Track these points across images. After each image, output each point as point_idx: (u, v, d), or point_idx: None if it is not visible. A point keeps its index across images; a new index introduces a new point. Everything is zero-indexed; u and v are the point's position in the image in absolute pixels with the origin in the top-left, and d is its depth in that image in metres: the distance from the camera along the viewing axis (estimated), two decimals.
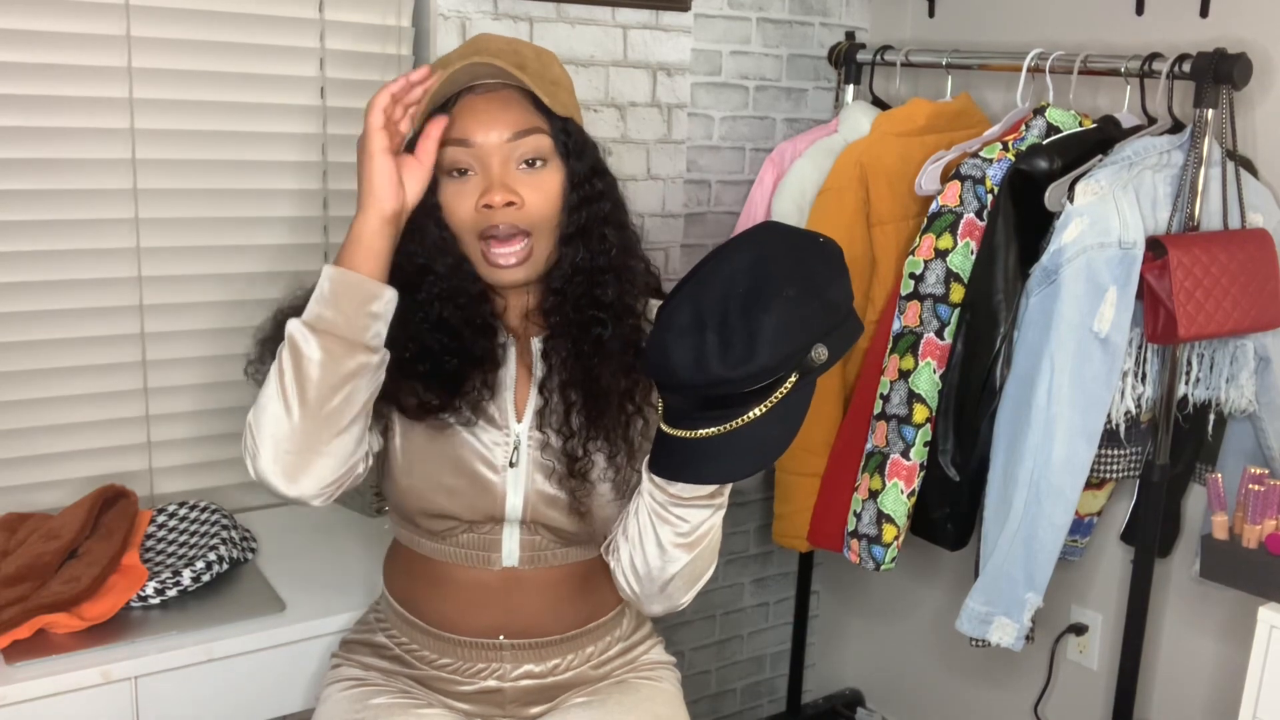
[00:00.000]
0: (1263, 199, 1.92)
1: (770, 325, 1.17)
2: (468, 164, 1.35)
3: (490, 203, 1.32)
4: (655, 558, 1.34)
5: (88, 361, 1.84)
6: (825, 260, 1.23)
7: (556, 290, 1.41)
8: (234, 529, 1.80)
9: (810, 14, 2.46)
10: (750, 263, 1.22)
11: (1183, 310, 1.77)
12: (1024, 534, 1.84)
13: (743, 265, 1.21)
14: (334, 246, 1.99)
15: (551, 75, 1.39)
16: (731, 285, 1.20)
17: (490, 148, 1.34)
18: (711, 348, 1.19)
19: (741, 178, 2.43)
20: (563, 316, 1.41)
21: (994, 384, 1.88)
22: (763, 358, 1.17)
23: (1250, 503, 1.80)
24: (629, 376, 1.41)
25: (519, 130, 1.34)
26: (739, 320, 1.18)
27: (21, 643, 1.50)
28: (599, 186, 1.41)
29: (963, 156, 1.97)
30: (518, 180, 1.35)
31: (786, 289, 1.19)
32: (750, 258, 1.22)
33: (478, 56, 1.32)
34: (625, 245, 1.44)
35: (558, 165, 1.38)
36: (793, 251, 1.23)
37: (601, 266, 1.41)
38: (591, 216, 1.40)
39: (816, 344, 1.20)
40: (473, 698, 1.48)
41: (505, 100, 1.35)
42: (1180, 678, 2.16)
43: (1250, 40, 1.91)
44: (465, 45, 1.40)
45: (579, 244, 1.40)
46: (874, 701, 2.76)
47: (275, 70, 1.90)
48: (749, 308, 1.19)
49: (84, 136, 1.77)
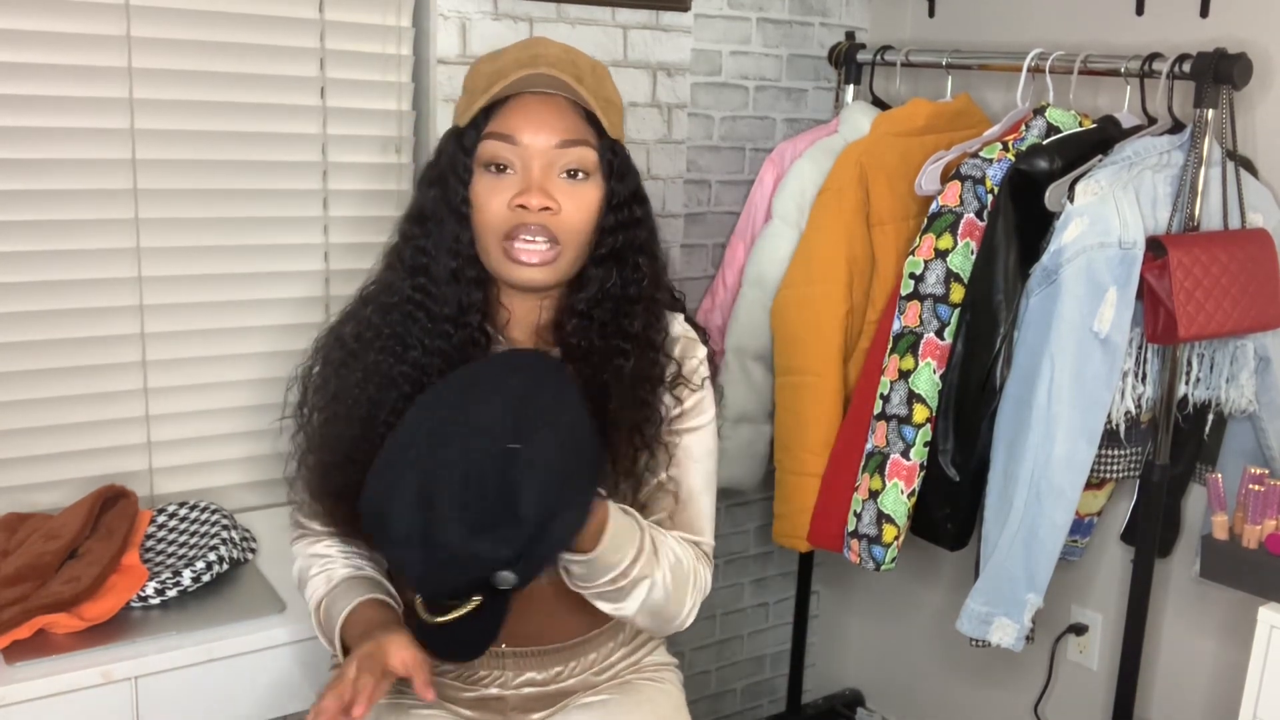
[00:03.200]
0: (1263, 199, 1.92)
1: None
2: (509, 161, 1.33)
3: (526, 204, 1.31)
4: (608, 610, 1.37)
5: (88, 361, 1.84)
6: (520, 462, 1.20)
7: (582, 313, 1.39)
8: (234, 529, 1.80)
9: (810, 14, 2.46)
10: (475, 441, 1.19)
11: (1183, 310, 1.77)
12: (1024, 534, 1.84)
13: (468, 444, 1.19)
14: (334, 246, 1.99)
15: (605, 93, 1.37)
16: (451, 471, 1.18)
17: (536, 150, 1.32)
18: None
19: (741, 178, 2.43)
20: (587, 342, 1.39)
21: (994, 384, 1.88)
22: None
23: (1250, 503, 1.80)
24: (640, 411, 1.39)
25: (568, 139, 1.33)
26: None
27: (21, 643, 1.50)
28: (638, 213, 1.40)
29: (963, 156, 1.97)
30: (557, 188, 1.33)
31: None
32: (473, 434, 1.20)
33: (536, 68, 1.30)
34: (655, 276, 1.43)
35: (599, 182, 1.36)
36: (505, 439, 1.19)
37: (632, 296, 1.40)
38: (628, 242, 1.39)
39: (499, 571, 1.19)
40: (474, 704, 1.48)
41: (559, 107, 1.34)
42: (1180, 678, 2.16)
43: (1250, 40, 1.91)
44: (520, 48, 1.38)
45: (612, 268, 1.39)
46: (874, 701, 2.76)
47: (275, 70, 1.90)
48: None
49: (84, 136, 1.77)
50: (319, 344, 1.46)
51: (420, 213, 1.39)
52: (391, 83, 1.99)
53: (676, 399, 1.44)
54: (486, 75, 1.35)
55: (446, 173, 1.36)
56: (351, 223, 2.00)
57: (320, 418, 1.42)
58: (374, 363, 1.37)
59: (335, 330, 1.45)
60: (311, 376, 1.44)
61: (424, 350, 1.37)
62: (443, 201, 1.35)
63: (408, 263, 1.39)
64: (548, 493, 1.18)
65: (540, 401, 1.23)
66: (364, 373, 1.37)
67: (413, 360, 1.37)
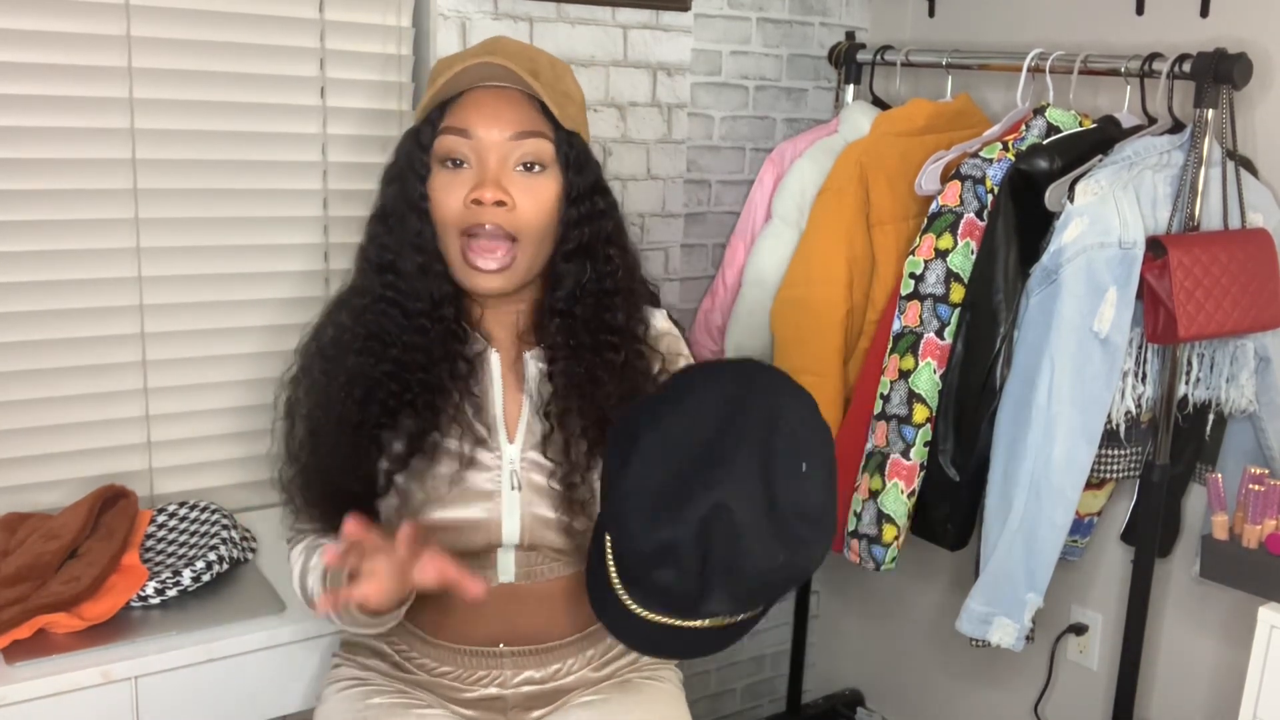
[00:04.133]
0: (1263, 199, 1.92)
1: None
2: (464, 155, 1.33)
3: (480, 198, 1.30)
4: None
5: (88, 361, 1.84)
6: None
7: (562, 311, 1.39)
8: (234, 529, 1.80)
9: (810, 14, 2.46)
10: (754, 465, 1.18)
11: (1183, 310, 1.77)
12: (1024, 534, 1.84)
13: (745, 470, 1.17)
14: (334, 246, 1.99)
15: (564, 87, 1.37)
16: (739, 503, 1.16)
17: (490, 143, 1.32)
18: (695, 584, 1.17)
19: (741, 178, 2.43)
20: (574, 339, 1.39)
21: (994, 384, 1.88)
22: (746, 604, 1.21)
23: (1250, 503, 1.80)
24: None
25: (522, 130, 1.33)
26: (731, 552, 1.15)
27: (21, 643, 1.49)
28: (600, 205, 1.40)
29: (963, 156, 1.97)
30: (513, 181, 1.33)
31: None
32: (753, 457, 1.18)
33: (491, 56, 1.31)
34: (629, 267, 1.43)
35: (556, 175, 1.36)
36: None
37: (610, 289, 1.40)
38: (594, 234, 1.39)
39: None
40: (474, 704, 1.47)
41: (513, 100, 1.34)
42: (1180, 678, 2.16)
43: (1250, 40, 1.91)
44: (480, 45, 1.39)
45: (584, 263, 1.38)
46: (874, 701, 2.75)
47: (275, 70, 1.90)
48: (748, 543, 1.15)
49: (84, 136, 1.77)
50: (300, 351, 1.46)
51: (382, 211, 1.39)
52: (391, 82, 1.99)
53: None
54: (443, 72, 1.35)
55: (405, 170, 1.37)
56: (351, 223, 2.00)
57: (306, 427, 1.41)
58: (355, 365, 1.37)
59: (315, 336, 1.45)
60: (296, 384, 1.44)
61: (403, 347, 1.37)
62: (402, 198, 1.35)
63: (374, 261, 1.39)
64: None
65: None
66: (347, 376, 1.37)
67: (393, 358, 1.37)
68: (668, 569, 1.17)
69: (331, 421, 1.37)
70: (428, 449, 1.37)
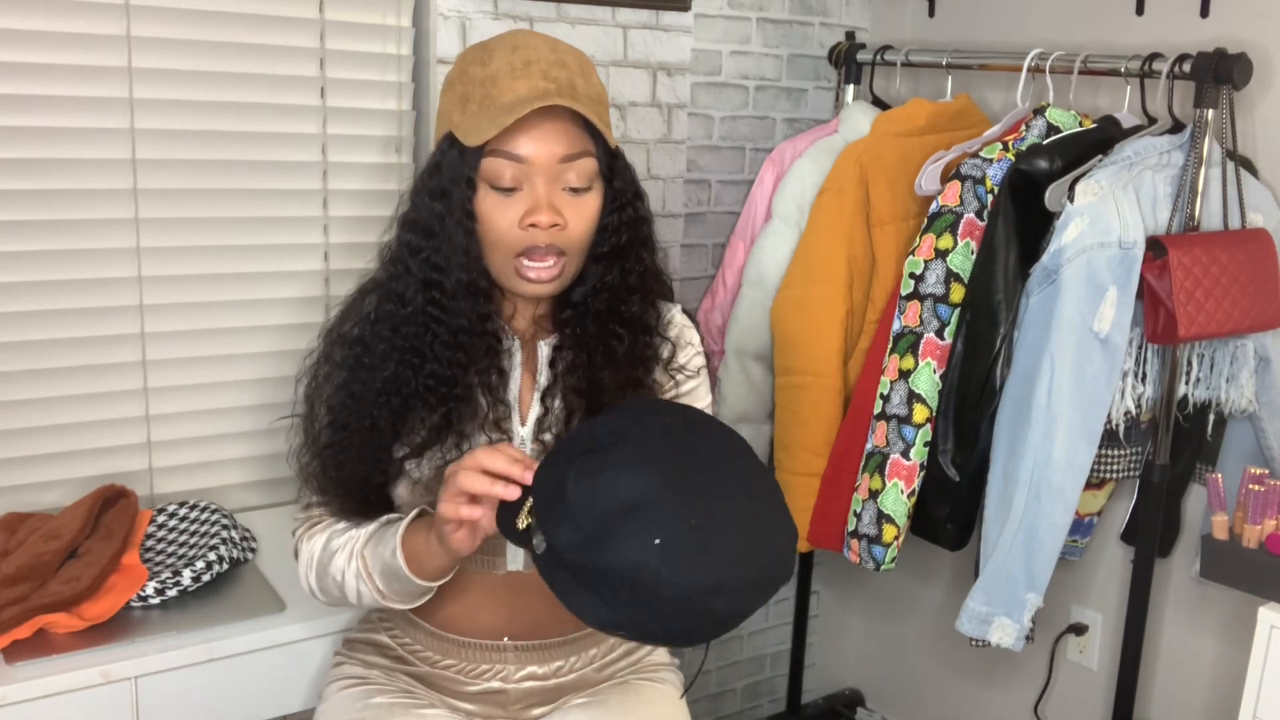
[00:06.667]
0: (1263, 199, 1.92)
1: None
2: (515, 179, 1.33)
3: (537, 223, 1.32)
4: None
5: (87, 361, 1.84)
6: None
7: (575, 303, 1.42)
8: (234, 529, 1.80)
9: (810, 14, 2.46)
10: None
11: (1183, 310, 1.77)
12: (1024, 534, 1.84)
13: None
14: (334, 246, 1.99)
15: (594, 92, 1.38)
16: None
17: (540, 165, 1.33)
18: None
19: (741, 178, 2.43)
20: (582, 329, 1.42)
21: (994, 384, 1.88)
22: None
23: (1250, 503, 1.80)
24: (634, 389, 1.41)
25: (571, 153, 1.33)
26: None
27: (21, 643, 1.50)
28: (640, 210, 1.43)
29: (963, 156, 1.97)
30: (563, 202, 1.34)
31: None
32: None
33: (542, 100, 1.29)
34: (655, 268, 1.46)
35: (599, 189, 1.38)
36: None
37: (631, 286, 1.42)
38: (631, 239, 1.42)
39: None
40: (476, 698, 1.48)
41: (560, 119, 1.34)
42: (1180, 678, 2.16)
43: (1250, 40, 1.91)
44: (510, 52, 1.34)
45: (613, 264, 1.41)
46: (874, 701, 2.76)
47: (275, 70, 1.90)
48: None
49: (84, 136, 1.77)
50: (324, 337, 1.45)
51: (426, 225, 1.38)
52: (391, 83, 1.99)
53: (671, 377, 1.48)
54: (481, 83, 1.34)
55: (449, 187, 1.35)
56: (351, 223, 2.00)
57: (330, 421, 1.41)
58: (393, 376, 1.38)
59: (339, 329, 1.45)
60: (317, 377, 1.44)
61: (444, 363, 1.38)
62: (449, 216, 1.35)
63: (418, 276, 1.38)
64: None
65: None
66: (383, 384, 1.38)
67: (430, 372, 1.38)
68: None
69: (364, 425, 1.38)
70: (449, 439, 1.39)
